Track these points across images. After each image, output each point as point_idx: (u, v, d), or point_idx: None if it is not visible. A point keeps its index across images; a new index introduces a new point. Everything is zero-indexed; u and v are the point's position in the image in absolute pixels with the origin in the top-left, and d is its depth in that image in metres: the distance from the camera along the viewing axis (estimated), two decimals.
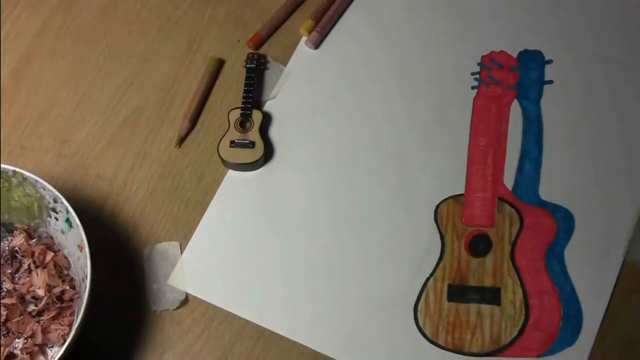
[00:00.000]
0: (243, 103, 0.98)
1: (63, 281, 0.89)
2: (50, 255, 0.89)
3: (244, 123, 0.97)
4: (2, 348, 0.85)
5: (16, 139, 0.99)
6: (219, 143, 0.96)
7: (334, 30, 1.04)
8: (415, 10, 1.04)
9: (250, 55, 1.01)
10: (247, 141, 0.95)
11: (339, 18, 1.04)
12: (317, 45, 1.02)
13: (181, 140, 0.98)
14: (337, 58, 1.02)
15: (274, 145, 0.97)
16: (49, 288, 0.87)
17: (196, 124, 0.99)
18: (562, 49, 1.00)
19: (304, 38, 1.03)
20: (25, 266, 0.89)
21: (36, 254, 0.89)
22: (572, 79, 0.97)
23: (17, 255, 0.90)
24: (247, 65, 1.00)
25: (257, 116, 0.97)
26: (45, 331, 0.86)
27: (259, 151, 0.95)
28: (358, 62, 1.01)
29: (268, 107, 0.99)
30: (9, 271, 0.89)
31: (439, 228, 0.91)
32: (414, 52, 1.01)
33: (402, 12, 1.04)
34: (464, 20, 1.02)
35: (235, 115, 0.97)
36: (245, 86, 0.99)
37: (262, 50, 1.03)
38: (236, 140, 0.95)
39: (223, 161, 0.95)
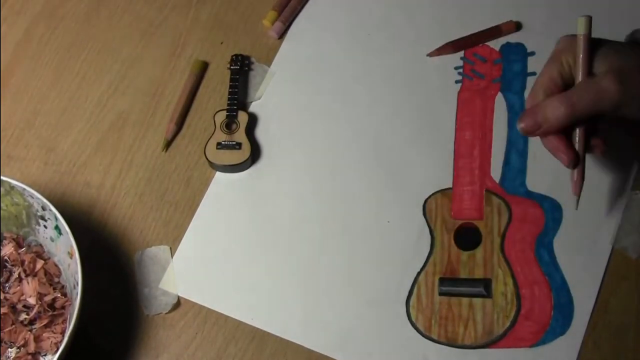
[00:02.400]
0: (228, 104, 0.98)
1: (54, 289, 0.88)
2: (40, 264, 0.89)
3: (229, 124, 0.97)
4: None
5: (2, 148, 0.99)
6: (206, 145, 0.96)
7: (313, 26, 1.04)
8: (396, 4, 1.04)
9: (234, 57, 1.01)
10: (233, 142, 0.95)
11: (302, 6, 1.05)
12: (280, 34, 1.03)
13: (168, 144, 0.98)
14: (320, 56, 1.02)
15: (260, 145, 0.97)
16: (40, 296, 0.87)
17: (182, 127, 0.99)
18: (544, 41, 1.00)
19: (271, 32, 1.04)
20: (15, 275, 0.89)
21: (26, 263, 0.89)
22: None
23: (7, 264, 0.90)
24: (231, 67, 1.01)
25: (242, 117, 0.97)
26: (37, 340, 0.86)
27: (245, 152, 0.95)
28: (340, 60, 1.01)
29: (254, 107, 0.99)
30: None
31: (427, 222, 0.91)
32: (396, 47, 1.02)
33: (382, 6, 1.04)
34: (445, 14, 1.03)
35: (221, 117, 0.97)
36: (230, 87, 0.99)
37: (245, 51, 1.03)
38: (222, 142, 0.96)
39: (210, 163, 0.95)
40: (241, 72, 1.01)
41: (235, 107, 0.98)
